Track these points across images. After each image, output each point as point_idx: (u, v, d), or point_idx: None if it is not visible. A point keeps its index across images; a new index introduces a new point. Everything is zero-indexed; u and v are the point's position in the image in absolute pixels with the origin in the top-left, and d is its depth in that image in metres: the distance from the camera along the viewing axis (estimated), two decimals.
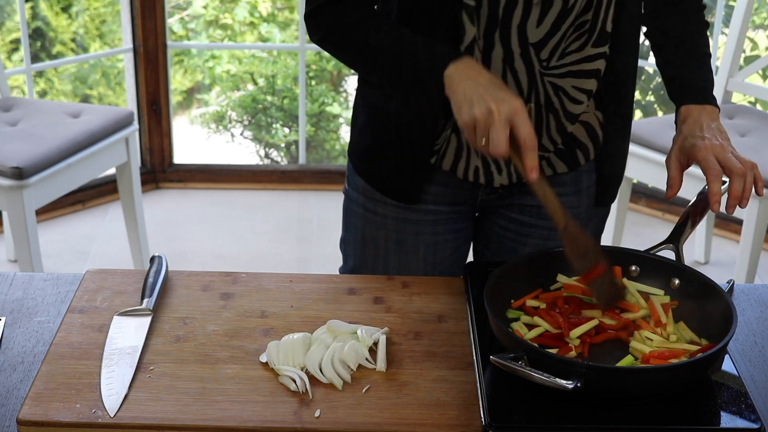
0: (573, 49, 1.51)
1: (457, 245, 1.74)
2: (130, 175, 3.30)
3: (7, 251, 3.54)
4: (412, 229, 1.69)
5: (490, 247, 1.76)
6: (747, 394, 1.25)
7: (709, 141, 1.50)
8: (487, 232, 1.76)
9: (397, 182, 1.65)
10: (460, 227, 1.73)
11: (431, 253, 1.71)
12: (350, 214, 1.75)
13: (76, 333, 1.39)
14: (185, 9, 5.23)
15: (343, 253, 1.81)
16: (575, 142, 1.62)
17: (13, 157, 2.85)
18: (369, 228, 1.72)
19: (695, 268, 1.45)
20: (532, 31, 1.48)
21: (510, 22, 1.47)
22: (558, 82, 1.53)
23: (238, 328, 1.42)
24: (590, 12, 1.49)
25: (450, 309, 1.48)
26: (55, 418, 1.22)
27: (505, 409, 1.21)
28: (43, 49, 4.98)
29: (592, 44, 1.52)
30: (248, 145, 4.95)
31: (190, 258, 3.63)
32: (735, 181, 1.46)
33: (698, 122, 1.55)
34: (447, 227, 1.70)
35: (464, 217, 1.72)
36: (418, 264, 1.71)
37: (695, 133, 1.53)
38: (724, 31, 3.93)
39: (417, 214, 1.68)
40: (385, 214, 1.69)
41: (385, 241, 1.71)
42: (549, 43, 1.50)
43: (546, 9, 1.46)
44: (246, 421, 1.22)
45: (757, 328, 1.49)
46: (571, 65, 1.53)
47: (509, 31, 1.48)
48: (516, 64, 1.50)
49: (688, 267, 1.42)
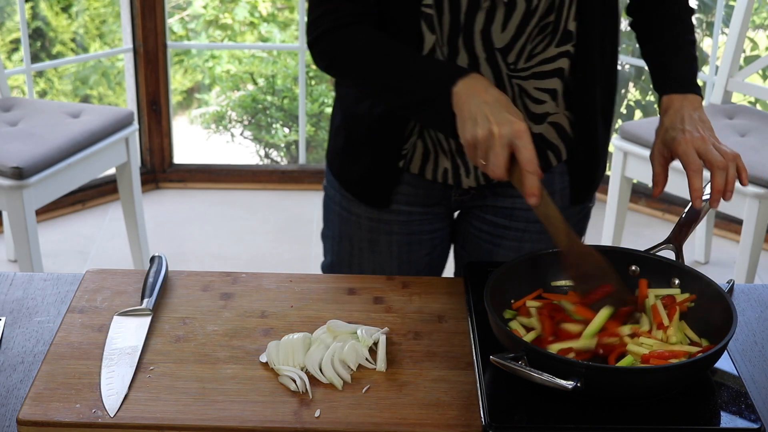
0: (539, 51, 1.51)
1: (434, 245, 1.75)
2: (130, 175, 3.30)
3: (7, 251, 3.54)
4: (385, 230, 1.70)
5: (467, 248, 1.76)
6: (747, 394, 1.25)
7: (690, 134, 1.48)
8: (463, 233, 1.76)
9: (367, 186, 1.67)
10: (436, 228, 1.73)
11: (405, 252, 1.72)
12: (329, 210, 1.77)
13: (76, 333, 1.39)
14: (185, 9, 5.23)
15: (323, 246, 1.83)
16: (545, 142, 1.61)
17: (13, 157, 2.85)
18: (345, 226, 1.73)
19: (695, 268, 1.45)
20: (498, 36, 1.48)
21: (472, 28, 1.48)
22: (522, 84, 1.53)
23: (238, 328, 1.42)
24: (553, 13, 1.48)
25: (450, 309, 1.48)
26: (55, 418, 1.22)
27: (505, 409, 1.21)
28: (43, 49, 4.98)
29: (555, 44, 1.51)
30: (248, 145, 4.95)
31: (190, 258, 3.63)
32: (716, 174, 1.44)
33: (679, 113, 1.52)
34: (421, 228, 1.71)
35: (440, 217, 1.73)
36: (392, 263, 1.73)
37: (676, 125, 1.50)
38: (724, 31, 3.93)
39: (390, 215, 1.69)
40: (359, 214, 1.70)
41: (359, 240, 1.73)
42: (515, 47, 1.50)
43: (509, 13, 1.46)
44: (246, 421, 1.22)
45: (757, 328, 1.49)
46: (536, 66, 1.53)
47: (472, 37, 1.48)
48: (482, 69, 1.51)
49: (688, 267, 1.42)
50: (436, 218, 1.72)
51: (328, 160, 1.75)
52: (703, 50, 4.33)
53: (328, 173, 1.75)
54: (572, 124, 1.61)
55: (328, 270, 1.80)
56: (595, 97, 1.60)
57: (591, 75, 1.58)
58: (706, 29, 4.28)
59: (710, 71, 3.83)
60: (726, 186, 1.44)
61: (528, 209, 1.65)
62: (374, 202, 1.68)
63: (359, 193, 1.69)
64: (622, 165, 3.25)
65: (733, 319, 1.28)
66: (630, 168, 3.24)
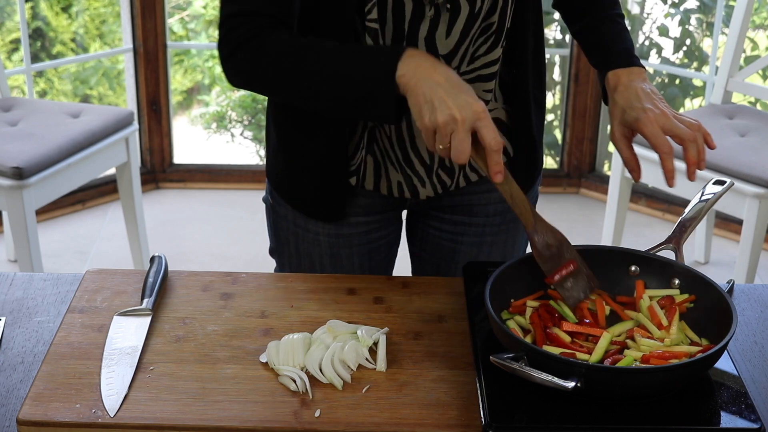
0: (481, 53, 1.50)
1: (389, 246, 1.74)
2: (130, 175, 3.30)
3: (7, 251, 3.54)
4: (346, 243, 1.67)
5: (427, 250, 1.74)
6: (747, 394, 1.25)
7: (652, 112, 1.46)
8: (421, 235, 1.74)
9: (320, 203, 1.62)
10: (391, 230, 1.72)
11: (366, 260, 1.71)
12: (280, 228, 1.70)
13: (76, 333, 1.39)
14: (185, 9, 5.23)
15: (276, 260, 1.77)
16: None
17: (13, 157, 2.85)
18: (302, 244, 1.69)
19: (695, 268, 1.45)
20: (442, 43, 1.46)
21: (416, 36, 1.45)
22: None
23: (238, 328, 1.42)
24: (495, 14, 1.47)
25: (450, 309, 1.48)
26: (55, 418, 1.22)
27: (505, 409, 1.21)
28: (43, 49, 4.98)
29: (500, 45, 1.50)
30: (248, 145, 4.94)
31: (190, 258, 3.63)
32: (689, 148, 1.44)
33: (631, 88, 1.49)
34: (379, 234, 1.70)
35: (393, 220, 1.72)
36: (354, 271, 1.70)
37: (633, 104, 1.48)
38: (724, 31, 3.93)
39: (349, 228, 1.66)
40: (317, 231, 1.66)
41: (319, 257, 1.69)
42: (459, 51, 1.48)
43: (454, 18, 1.44)
44: (246, 421, 1.22)
45: (757, 328, 1.49)
46: (480, 69, 1.52)
47: (416, 45, 1.45)
48: None
49: (688, 267, 1.42)
50: (391, 221, 1.71)
51: (270, 179, 1.68)
52: (703, 50, 4.33)
53: (272, 192, 1.68)
54: (510, 116, 1.60)
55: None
56: (528, 88, 1.59)
57: (524, 67, 1.56)
58: (706, 29, 4.28)
59: (710, 71, 3.83)
60: (698, 156, 1.44)
61: (485, 203, 1.66)
62: (329, 218, 1.63)
63: (312, 212, 1.64)
64: (622, 165, 3.24)
65: (733, 319, 1.27)
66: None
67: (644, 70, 1.54)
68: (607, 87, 1.54)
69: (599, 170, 4.25)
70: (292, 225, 1.68)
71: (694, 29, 4.32)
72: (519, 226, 1.70)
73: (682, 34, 4.26)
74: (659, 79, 4.38)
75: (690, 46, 4.31)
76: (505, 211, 1.68)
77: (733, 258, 3.53)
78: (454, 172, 1.61)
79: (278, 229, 1.72)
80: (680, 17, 4.22)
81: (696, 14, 4.27)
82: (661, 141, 1.44)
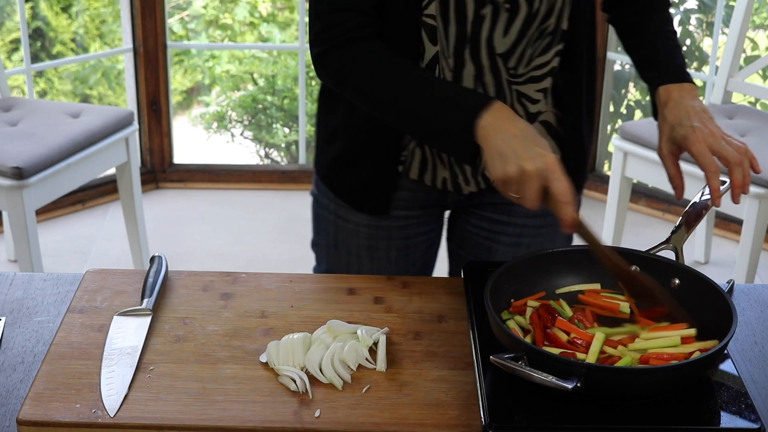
0: (537, 54, 1.51)
1: (429, 245, 1.75)
2: (130, 175, 3.30)
3: (7, 251, 3.54)
4: (384, 235, 1.69)
5: (465, 247, 1.75)
6: (747, 394, 1.25)
7: (700, 131, 1.47)
8: (460, 232, 1.75)
9: (366, 194, 1.65)
10: (431, 227, 1.73)
11: (403, 256, 1.72)
12: (321, 219, 1.74)
13: (76, 333, 1.39)
14: (185, 9, 5.23)
15: (315, 254, 1.81)
16: None
17: (13, 157, 2.85)
18: (341, 234, 1.71)
19: (695, 268, 1.45)
20: (499, 41, 1.48)
21: (479, 36, 1.46)
22: (521, 88, 1.53)
23: (238, 328, 1.42)
24: (552, 16, 1.48)
25: (450, 309, 1.48)
26: (55, 418, 1.22)
27: (505, 409, 1.21)
28: (43, 49, 4.98)
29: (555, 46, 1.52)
30: (248, 145, 4.95)
31: (190, 258, 3.63)
32: (735, 171, 1.44)
33: (681, 105, 1.51)
34: (418, 230, 1.71)
35: (435, 218, 1.73)
36: (390, 267, 1.72)
37: (683, 122, 1.49)
38: (724, 31, 3.92)
39: (389, 221, 1.68)
40: (357, 222, 1.68)
41: (356, 248, 1.71)
42: (516, 51, 1.49)
43: (513, 17, 1.45)
44: (246, 421, 1.22)
45: (757, 328, 1.49)
46: (533, 70, 1.52)
47: (479, 46, 1.47)
48: (486, 78, 1.50)
49: (688, 267, 1.42)
50: (431, 219, 1.72)
51: (317, 170, 1.71)
52: (703, 50, 4.33)
53: (319, 183, 1.72)
54: (560, 121, 1.61)
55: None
56: (581, 94, 1.60)
57: (578, 72, 1.58)
58: (706, 29, 4.28)
59: (710, 71, 3.83)
60: (744, 180, 1.45)
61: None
62: (373, 210, 1.66)
63: (357, 203, 1.66)
64: (622, 165, 3.24)
65: (733, 319, 1.27)
66: (630, 168, 3.24)
67: (696, 88, 1.55)
68: (658, 102, 1.55)
69: (599, 170, 4.25)
70: (332, 216, 1.71)
71: (694, 29, 4.32)
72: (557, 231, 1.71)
73: (682, 34, 4.26)
74: None
75: (690, 46, 4.32)
76: (545, 213, 1.68)
77: (733, 258, 3.52)
78: None
79: (319, 221, 1.75)
80: (680, 17, 4.22)
81: (696, 14, 4.27)
82: (708, 161, 1.45)
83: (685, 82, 1.54)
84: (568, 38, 1.53)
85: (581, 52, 1.56)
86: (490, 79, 1.51)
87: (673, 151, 1.52)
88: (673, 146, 1.52)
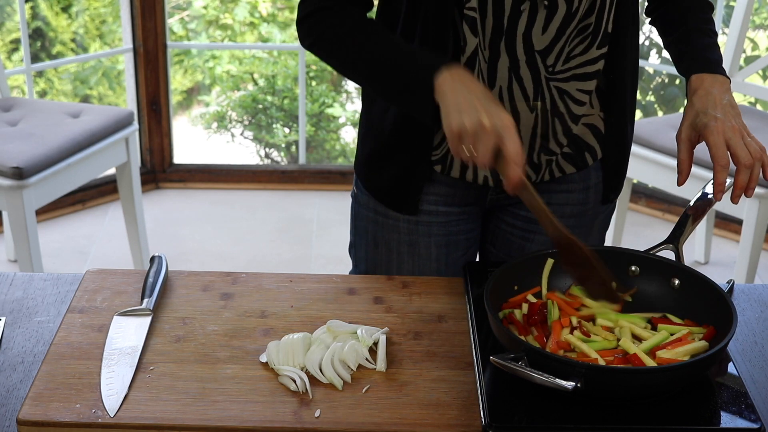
0: (577, 53, 1.51)
1: (468, 245, 1.74)
2: (130, 175, 3.30)
3: (7, 251, 3.54)
4: (425, 231, 1.68)
5: (497, 245, 1.76)
6: (747, 394, 1.25)
7: (722, 122, 1.47)
8: (494, 230, 1.75)
9: (396, 194, 1.65)
10: (471, 227, 1.72)
11: (444, 254, 1.71)
12: (360, 218, 1.74)
13: (76, 333, 1.39)
14: (185, 9, 5.23)
15: (353, 258, 1.80)
16: (582, 143, 1.61)
17: (13, 157, 2.85)
18: (381, 232, 1.71)
19: (695, 268, 1.45)
20: (538, 38, 1.48)
21: (515, 31, 1.47)
22: (563, 86, 1.53)
23: (238, 328, 1.42)
24: (593, 15, 1.49)
25: (450, 309, 1.48)
26: (55, 418, 1.22)
27: (505, 409, 1.21)
28: (43, 49, 4.98)
29: (596, 46, 1.52)
30: (248, 145, 4.95)
31: (190, 258, 3.63)
32: (741, 172, 1.45)
33: (710, 94, 1.51)
34: (458, 228, 1.70)
35: (474, 217, 1.72)
36: (431, 266, 1.71)
37: (707, 110, 1.49)
38: (724, 31, 3.92)
39: (429, 216, 1.67)
40: (398, 218, 1.68)
41: (397, 245, 1.70)
42: (554, 49, 1.49)
43: (551, 15, 1.46)
44: (246, 421, 1.22)
45: (757, 328, 1.49)
46: (575, 68, 1.53)
47: (515, 40, 1.48)
48: (521, 72, 1.50)
49: (688, 267, 1.42)
50: (471, 218, 1.71)
51: (356, 167, 1.73)
52: None
53: (358, 181, 1.73)
54: (606, 124, 1.62)
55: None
56: (626, 98, 1.61)
57: (623, 76, 1.58)
58: None
59: None
60: (749, 183, 1.45)
61: (563, 203, 1.67)
62: (403, 210, 1.66)
63: (390, 202, 1.67)
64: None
65: (733, 319, 1.28)
66: (630, 168, 3.23)
67: (729, 82, 1.55)
68: (689, 89, 1.55)
69: None
70: (372, 213, 1.71)
71: None
72: (590, 231, 1.71)
73: None
74: (659, 79, 4.38)
75: None
76: (581, 214, 1.69)
77: (733, 258, 3.53)
78: (541, 167, 1.62)
79: (358, 219, 1.75)
80: None
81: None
82: (721, 153, 1.45)
83: (718, 74, 1.54)
84: (613, 40, 1.53)
85: (626, 54, 1.56)
86: (527, 74, 1.50)
87: (690, 137, 1.52)
88: (693, 133, 1.52)
